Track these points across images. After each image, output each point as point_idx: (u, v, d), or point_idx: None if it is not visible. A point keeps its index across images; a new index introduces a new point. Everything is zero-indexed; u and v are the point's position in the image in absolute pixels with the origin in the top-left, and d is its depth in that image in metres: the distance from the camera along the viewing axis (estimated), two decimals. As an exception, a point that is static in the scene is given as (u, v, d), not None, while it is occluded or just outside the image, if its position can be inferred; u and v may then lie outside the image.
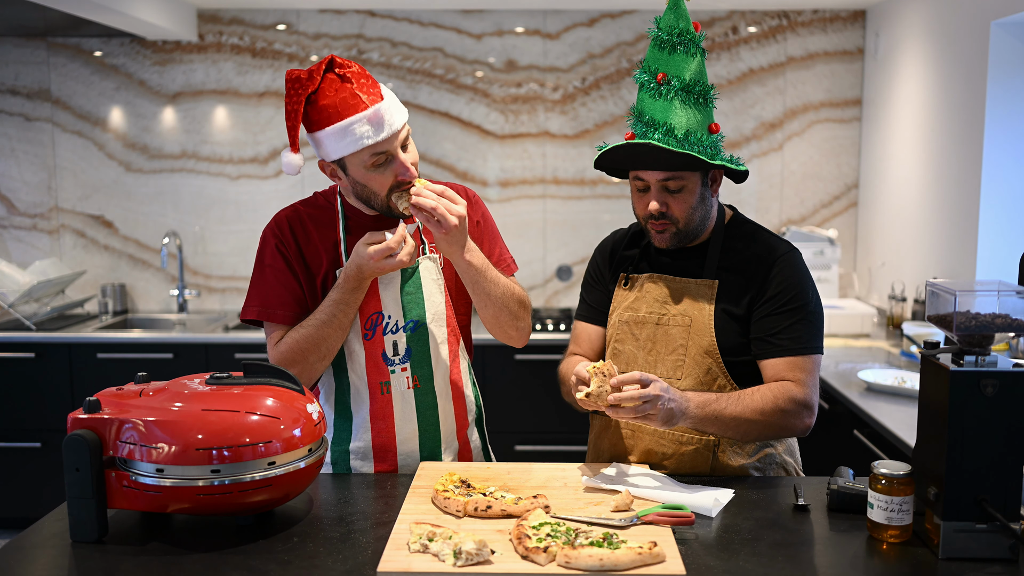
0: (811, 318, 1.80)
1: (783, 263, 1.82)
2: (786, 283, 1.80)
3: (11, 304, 3.97)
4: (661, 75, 1.75)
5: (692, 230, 1.83)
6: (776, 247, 1.85)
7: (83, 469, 1.43)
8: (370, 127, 1.70)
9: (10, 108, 4.38)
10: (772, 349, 1.78)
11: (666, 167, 1.76)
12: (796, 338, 1.78)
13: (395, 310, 1.86)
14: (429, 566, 1.34)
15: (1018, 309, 1.43)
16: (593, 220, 4.51)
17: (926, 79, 3.70)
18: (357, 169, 1.75)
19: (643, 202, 1.82)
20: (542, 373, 3.86)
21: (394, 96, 1.78)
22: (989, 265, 3.26)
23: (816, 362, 1.80)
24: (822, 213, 4.49)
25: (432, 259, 1.90)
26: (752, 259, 1.84)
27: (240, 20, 4.33)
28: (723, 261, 1.85)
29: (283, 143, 4.42)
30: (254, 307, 1.85)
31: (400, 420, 1.86)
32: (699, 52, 1.77)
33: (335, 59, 1.73)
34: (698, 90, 1.76)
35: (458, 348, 1.94)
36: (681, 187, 1.78)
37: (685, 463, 1.81)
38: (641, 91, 1.79)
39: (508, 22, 4.36)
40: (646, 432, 1.83)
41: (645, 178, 1.80)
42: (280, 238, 1.86)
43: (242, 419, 1.46)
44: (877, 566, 1.41)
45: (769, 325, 1.79)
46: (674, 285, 1.86)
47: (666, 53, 1.76)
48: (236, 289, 4.53)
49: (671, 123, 1.74)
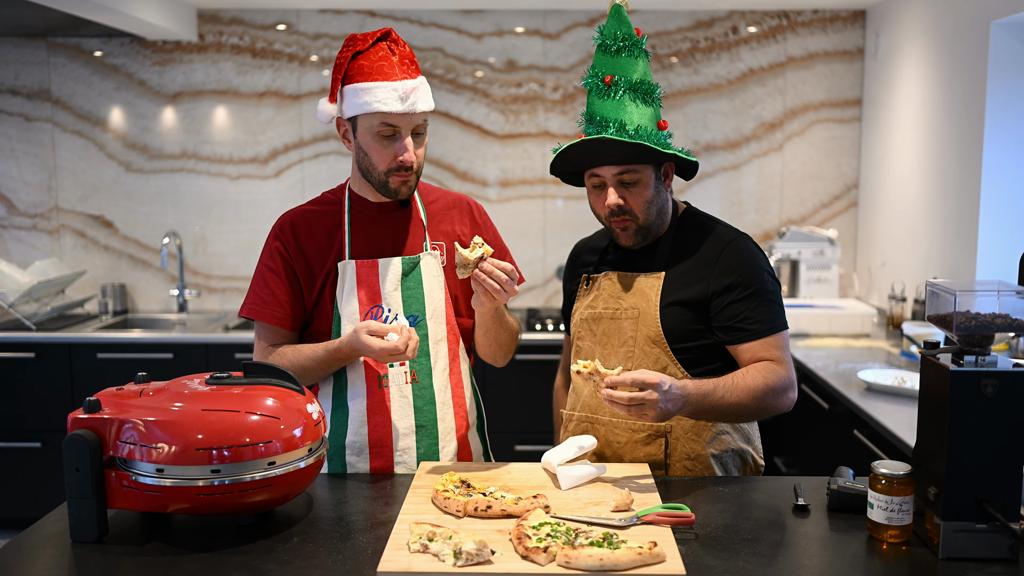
0: (772, 297, 1.87)
1: (732, 249, 1.88)
2: (740, 269, 1.86)
3: (11, 304, 3.97)
4: (608, 77, 1.84)
5: (652, 224, 1.90)
6: (724, 235, 1.91)
7: (83, 469, 1.43)
8: (391, 96, 1.75)
9: (10, 108, 4.38)
10: (744, 335, 1.84)
11: (621, 160, 1.83)
12: (762, 319, 1.84)
13: (395, 304, 1.87)
14: (429, 566, 1.34)
15: (1018, 309, 1.43)
16: (593, 220, 4.48)
17: (926, 79, 3.70)
18: (365, 134, 1.80)
19: (601, 200, 1.90)
20: (542, 373, 3.86)
21: (428, 88, 1.83)
22: (989, 265, 3.26)
23: (786, 337, 1.87)
24: (822, 213, 4.49)
25: (433, 255, 1.91)
26: (702, 248, 1.90)
27: (240, 20, 4.33)
28: (673, 253, 1.92)
29: (283, 144, 4.43)
30: (247, 305, 1.91)
31: (397, 415, 1.86)
32: (643, 55, 1.86)
33: (392, 32, 1.82)
34: (644, 89, 1.84)
35: (458, 348, 1.94)
36: (636, 180, 1.85)
37: (639, 451, 1.87)
38: (591, 95, 1.87)
39: (508, 22, 4.36)
40: (601, 423, 1.90)
41: (601, 174, 1.86)
42: (281, 239, 1.90)
43: (242, 419, 1.46)
44: (877, 566, 1.41)
45: (734, 312, 1.84)
46: (625, 280, 1.94)
47: (611, 57, 1.85)
48: (236, 289, 4.53)
49: (622, 119, 1.82)
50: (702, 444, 1.87)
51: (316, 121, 4.41)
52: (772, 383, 1.79)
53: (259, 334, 1.91)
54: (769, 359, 1.83)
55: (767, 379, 1.78)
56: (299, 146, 4.44)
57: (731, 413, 1.77)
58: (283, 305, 1.88)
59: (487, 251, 1.72)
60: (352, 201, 1.92)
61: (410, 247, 1.91)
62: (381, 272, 1.86)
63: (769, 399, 1.79)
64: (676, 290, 1.88)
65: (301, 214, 1.93)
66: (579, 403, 1.97)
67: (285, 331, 1.90)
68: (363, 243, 1.89)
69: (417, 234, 1.92)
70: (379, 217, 1.91)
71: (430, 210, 1.96)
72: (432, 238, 1.93)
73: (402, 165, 1.79)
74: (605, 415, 1.90)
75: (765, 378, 1.78)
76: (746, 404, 1.76)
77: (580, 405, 1.96)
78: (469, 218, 1.99)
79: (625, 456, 1.88)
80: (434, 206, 1.97)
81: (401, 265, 1.88)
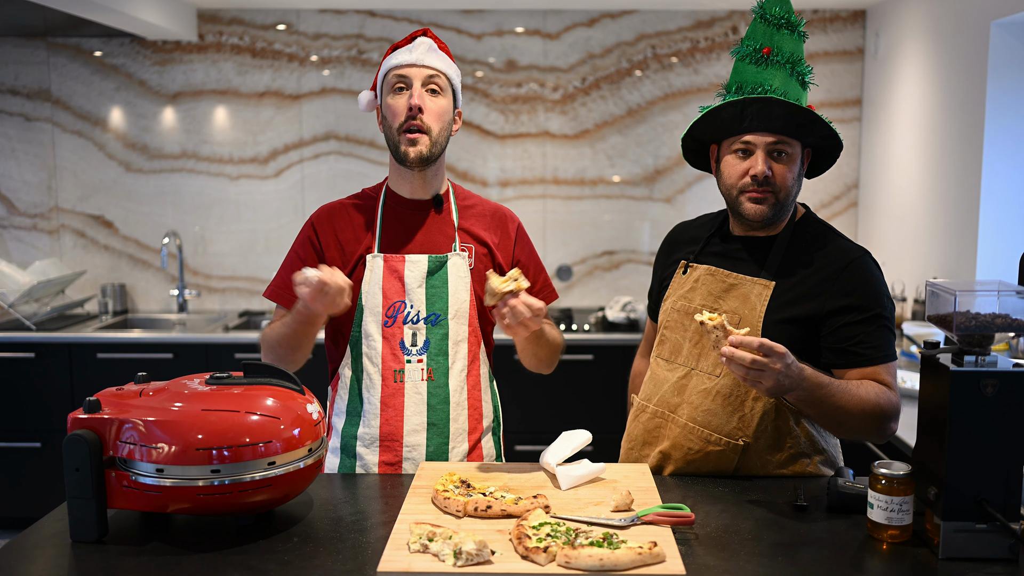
0: (889, 324, 1.75)
1: (857, 267, 1.75)
2: (863, 289, 1.74)
3: (11, 304, 3.96)
4: (767, 48, 1.75)
5: (786, 207, 1.78)
6: (849, 250, 1.79)
7: (83, 469, 1.43)
8: (404, 54, 1.85)
9: (10, 108, 4.38)
10: (857, 359, 1.73)
11: (780, 129, 1.72)
12: (878, 346, 1.73)
13: (418, 301, 1.88)
14: (429, 566, 1.34)
15: (1018, 309, 1.43)
16: (593, 220, 4.51)
17: (926, 79, 3.70)
18: (385, 97, 1.87)
19: (743, 168, 1.77)
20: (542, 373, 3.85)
21: (449, 60, 1.90)
22: (989, 265, 3.26)
23: (896, 368, 1.76)
24: (822, 213, 4.49)
25: (461, 256, 1.91)
26: (822, 262, 1.78)
27: (240, 20, 4.33)
28: (787, 260, 1.80)
29: (283, 144, 4.44)
30: (270, 287, 1.96)
31: (410, 410, 1.87)
32: (801, 37, 1.78)
33: (429, 31, 1.91)
34: (802, 69, 1.76)
35: (479, 350, 1.94)
36: (788, 154, 1.75)
37: (710, 462, 1.80)
38: (743, 63, 1.78)
39: (508, 22, 4.36)
40: (676, 424, 1.82)
41: (754, 141, 1.75)
42: (315, 228, 1.94)
43: (242, 419, 1.46)
44: (877, 566, 1.41)
45: (849, 334, 1.73)
46: (729, 280, 1.82)
47: (773, 29, 1.76)
48: (236, 289, 4.53)
49: (785, 89, 1.74)
50: (777, 464, 1.78)
51: (316, 121, 4.41)
52: (883, 405, 1.69)
53: (277, 316, 1.94)
54: (883, 384, 1.73)
55: (879, 399, 1.68)
56: (299, 146, 4.44)
57: (834, 416, 1.67)
58: None
59: (520, 286, 1.66)
60: (387, 197, 1.95)
61: (439, 246, 1.91)
62: (407, 268, 1.88)
63: (875, 418, 1.68)
64: (787, 305, 1.75)
65: (339, 207, 1.97)
66: (657, 396, 1.87)
67: None
68: (393, 239, 1.91)
69: (447, 234, 1.93)
70: (412, 215, 1.93)
71: (463, 213, 1.96)
72: (462, 240, 1.93)
73: (410, 114, 1.81)
74: (683, 417, 1.81)
75: (878, 397, 1.68)
76: (853, 413, 1.66)
77: (658, 399, 1.86)
78: (502, 229, 1.98)
79: (688, 467, 1.81)
80: (469, 210, 1.97)
81: (427, 263, 1.88)
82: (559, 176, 4.48)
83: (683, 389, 1.83)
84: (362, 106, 1.95)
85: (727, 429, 1.77)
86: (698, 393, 1.80)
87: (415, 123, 1.82)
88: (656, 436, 1.86)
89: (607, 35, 4.37)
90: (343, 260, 1.90)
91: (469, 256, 1.92)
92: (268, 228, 4.49)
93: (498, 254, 1.95)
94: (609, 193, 4.49)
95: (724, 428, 1.77)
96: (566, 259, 4.53)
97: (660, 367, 1.90)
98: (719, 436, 1.77)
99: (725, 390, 1.77)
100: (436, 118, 1.84)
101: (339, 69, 4.38)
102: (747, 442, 1.76)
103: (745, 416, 1.76)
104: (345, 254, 1.90)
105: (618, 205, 4.49)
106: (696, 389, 1.81)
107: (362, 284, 1.88)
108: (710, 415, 1.78)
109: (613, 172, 4.48)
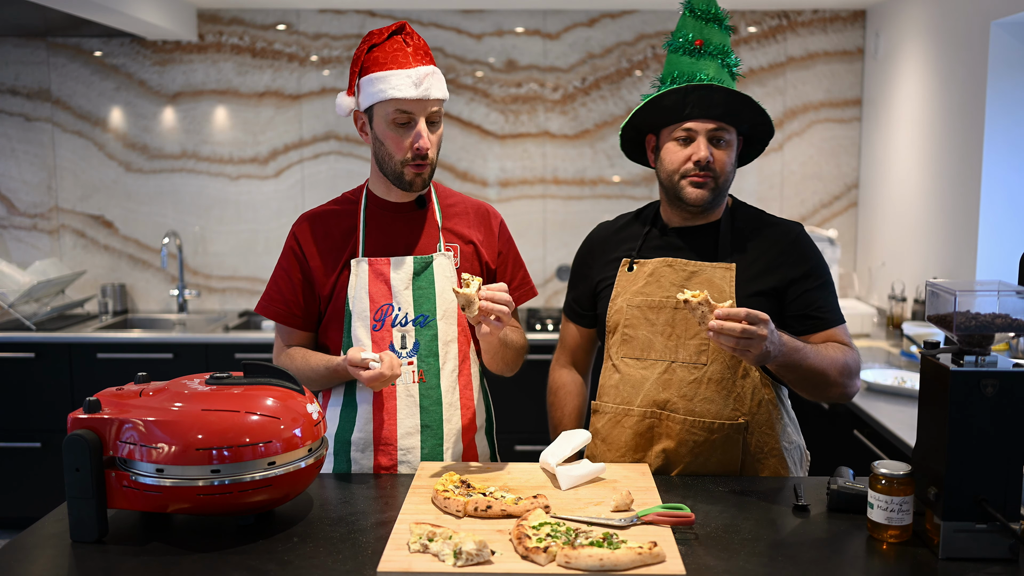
0: (834, 288, 1.89)
1: (803, 239, 1.88)
2: (815, 259, 1.86)
3: (11, 304, 3.96)
4: (699, 40, 1.81)
5: (723, 191, 1.86)
6: (790, 225, 1.90)
7: (83, 469, 1.43)
8: (405, 82, 1.77)
9: (10, 108, 4.38)
10: (820, 323, 1.83)
11: (720, 116, 1.79)
12: (833, 309, 1.85)
13: (406, 303, 1.87)
14: (429, 566, 1.34)
15: (1018, 309, 1.43)
16: (593, 220, 4.49)
17: (926, 79, 3.70)
18: (380, 123, 1.81)
19: (684, 154, 1.82)
20: (542, 372, 3.85)
21: (442, 78, 1.84)
22: (989, 265, 3.26)
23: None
24: (822, 213, 4.49)
25: (447, 256, 1.91)
26: (772, 238, 1.87)
27: (240, 20, 4.33)
28: (736, 243, 1.87)
29: (283, 144, 4.44)
30: (262, 303, 1.95)
31: (403, 413, 1.87)
32: (727, 31, 1.85)
33: (407, 25, 1.85)
34: (732, 63, 1.85)
35: (468, 350, 1.94)
36: (726, 140, 1.82)
37: (717, 449, 1.80)
38: (676, 55, 1.84)
39: (508, 22, 4.36)
40: (674, 420, 1.81)
41: (695, 128, 1.80)
42: (297, 237, 1.92)
43: (242, 419, 1.46)
44: (877, 566, 1.41)
45: (810, 300, 1.83)
46: (689, 268, 1.85)
47: (702, 23, 1.83)
48: (236, 289, 4.53)
49: (721, 78, 1.82)
50: (776, 438, 1.83)
51: (316, 121, 4.41)
52: (850, 363, 1.78)
53: (276, 330, 1.97)
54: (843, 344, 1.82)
55: (847, 357, 1.77)
56: (299, 146, 4.44)
57: (811, 378, 1.72)
58: (289, 304, 1.91)
59: (479, 281, 1.69)
60: (369, 200, 1.93)
61: (424, 247, 1.91)
62: (393, 271, 1.87)
63: (845, 376, 1.76)
64: (751, 280, 1.83)
65: (319, 214, 1.95)
66: (640, 397, 1.85)
67: (294, 329, 1.93)
68: (377, 242, 1.90)
69: (432, 235, 1.92)
70: (395, 217, 1.92)
71: (447, 212, 1.96)
72: (446, 240, 1.93)
73: (418, 153, 1.80)
74: (679, 412, 1.81)
75: (845, 355, 1.77)
76: (827, 373, 1.73)
77: (642, 400, 1.85)
78: (486, 226, 1.98)
79: (693, 464, 1.81)
80: (452, 209, 1.97)
81: (413, 264, 1.88)
82: (559, 176, 4.48)
83: (668, 384, 1.83)
84: (340, 111, 1.88)
85: (726, 413, 1.80)
86: (688, 385, 1.81)
87: (422, 161, 1.82)
88: (651, 437, 1.85)
89: (607, 35, 4.37)
90: (326, 268, 1.89)
91: (455, 256, 1.92)
92: (268, 228, 4.49)
93: (483, 251, 1.95)
94: (609, 193, 4.49)
95: (723, 413, 1.80)
96: (566, 259, 4.53)
97: (632, 367, 1.88)
98: (720, 422, 1.80)
99: (716, 376, 1.80)
100: (436, 146, 1.84)
101: (339, 69, 4.37)
102: (747, 419, 1.80)
103: (739, 395, 1.81)
104: (329, 261, 1.89)
105: (618, 205, 4.49)
106: (684, 382, 1.82)
107: (348, 289, 1.87)
108: (708, 403, 1.80)
109: (613, 172, 4.48)
